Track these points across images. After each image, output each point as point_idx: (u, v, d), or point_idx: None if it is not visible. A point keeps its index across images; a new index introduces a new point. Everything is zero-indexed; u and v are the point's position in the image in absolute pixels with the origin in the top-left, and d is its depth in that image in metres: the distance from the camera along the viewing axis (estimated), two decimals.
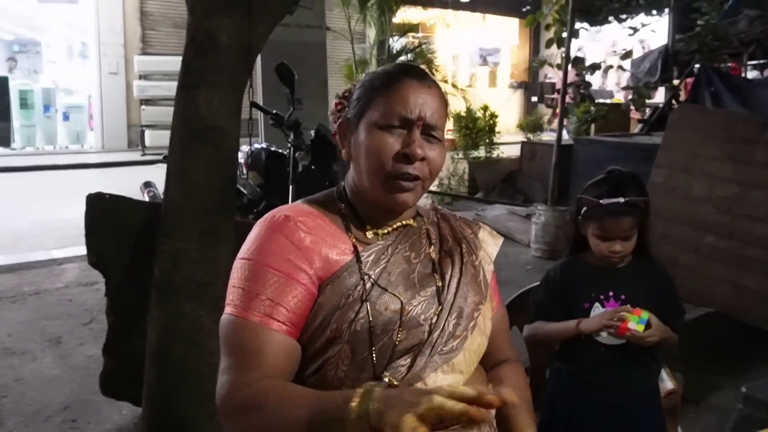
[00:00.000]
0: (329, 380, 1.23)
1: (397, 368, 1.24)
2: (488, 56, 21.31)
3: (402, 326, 1.25)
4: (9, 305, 4.43)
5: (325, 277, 1.26)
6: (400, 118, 1.26)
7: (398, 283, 1.29)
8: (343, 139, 1.36)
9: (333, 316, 1.23)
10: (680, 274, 4.31)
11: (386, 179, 1.27)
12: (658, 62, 8.86)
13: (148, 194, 5.01)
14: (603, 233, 1.90)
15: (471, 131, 8.88)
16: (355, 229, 1.34)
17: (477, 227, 1.50)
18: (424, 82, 1.31)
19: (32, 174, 11.60)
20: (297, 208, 1.34)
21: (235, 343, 1.21)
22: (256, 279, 1.22)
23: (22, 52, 22.19)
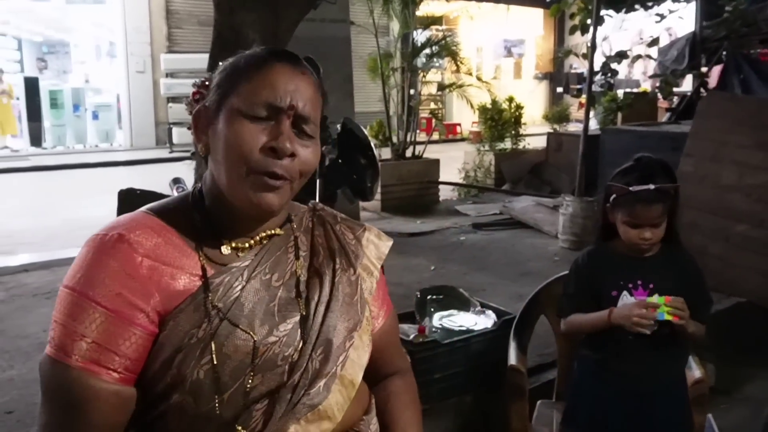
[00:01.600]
0: (183, 428, 1.06)
1: (251, 416, 1.06)
2: (513, 47, 21.18)
3: (255, 370, 1.07)
4: (44, 301, 4.51)
5: (166, 312, 1.05)
6: (267, 105, 1.07)
7: (254, 316, 1.09)
8: (199, 131, 1.13)
9: (175, 359, 1.03)
10: (710, 264, 4.26)
11: (248, 175, 1.06)
12: (686, 49, 8.72)
13: (177, 190, 5.03)
14: (633, 220, 1.90)
15: (497, 123, 8.84)
16: (209, 245, 1.12)
17: (361, 230, 1.29)
18: (297, 68, 1.12)
19: (63, 172, 11.80)
20: (137, 222, 1.10)
21: (55, 394, 1.01)
22: (81, 317, 1.01)
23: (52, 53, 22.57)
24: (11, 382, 3.28)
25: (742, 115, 4.59)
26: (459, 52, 8.10)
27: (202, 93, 1.16)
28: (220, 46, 2.36)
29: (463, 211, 7.19)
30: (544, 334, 2.48)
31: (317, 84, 1.15)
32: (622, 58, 6.95)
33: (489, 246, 5.65)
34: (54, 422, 1.01)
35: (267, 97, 1.07)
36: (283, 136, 1.06)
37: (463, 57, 8.25)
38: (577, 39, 7.17)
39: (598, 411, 1.96)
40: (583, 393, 2.01)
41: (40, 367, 1.03)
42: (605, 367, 1.96)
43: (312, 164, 1.12)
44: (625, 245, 1.96)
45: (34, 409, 3.03)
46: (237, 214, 1.12)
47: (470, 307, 3.03)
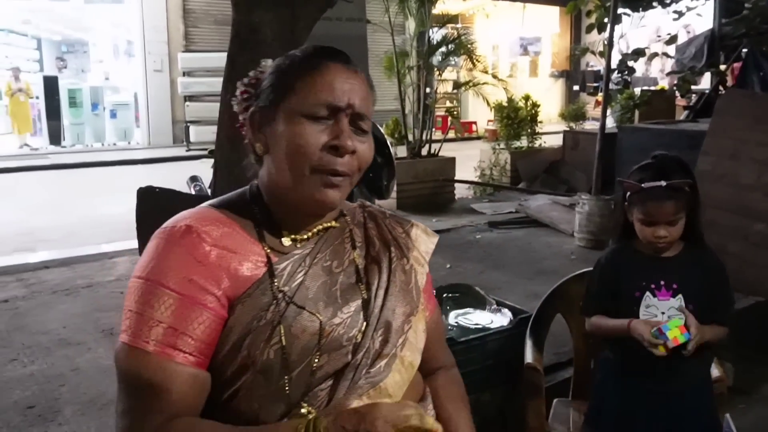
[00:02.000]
0: (242, 411, 1.09)
1: (316, 396, 1.10)
2: (529, 45, 21.10)
3: (321, 350, 1.11)
4: (64, 298, 4.56)
5: (234, 297, 1.10)
6: (327, 105, 1.11)
7: (318, 300, 1.14)
8: (255, 131, 1.18)
9: (244, 341, 1.08)
10: (729, 263, 4.18)
11: (312, 174, 1.11)
12: (704, 47, 8.64)
13: (194, 188, 5.11)
14: (647, 218, 1.88)
15: (513, 121, 8.82)
16: (270, 235, 1.17)
17: (409, 225, 1.33)
18: (350, 67, 1.16)
19: (82, 170, 11.92)
20: (201, 215, 1.16)
21: (133, 380, 1.04)
22: (154, 303, 1.05)
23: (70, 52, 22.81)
24: (32, 377, 3.33)
25: (761, 112, 4.56)
26: (475, 50, 8.08)
27: (249, 92, 1.22)
28: (239, 45, 2.38)
29: (479, 209, 7.18)
30: (560, 333, 2.48)
31: (368, 80, 1.20)
32: (639, 56, 6.90)
33: (505, 244, 5.64)
34: (135, 407, 1.04)
35: (326, 97, 1.11)
36: (344, 134, 1.11)
37: (479, 55, 8.22)
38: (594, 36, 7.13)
39: (623, 412, 1.94)
40: (607, 394, 1.99)
41: (115, 357, 1.07)
42: (629, 369, 1.94)
43: (368, 158, 1.17)
44: (645, 244, 1.94)
45: (54, 404, 3.08)
46: (296, 209, 1.17)
47: (486, 305, 3.03)
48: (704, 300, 1.90)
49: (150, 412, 1.03)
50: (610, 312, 1.96)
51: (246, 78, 1.24)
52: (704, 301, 1.90)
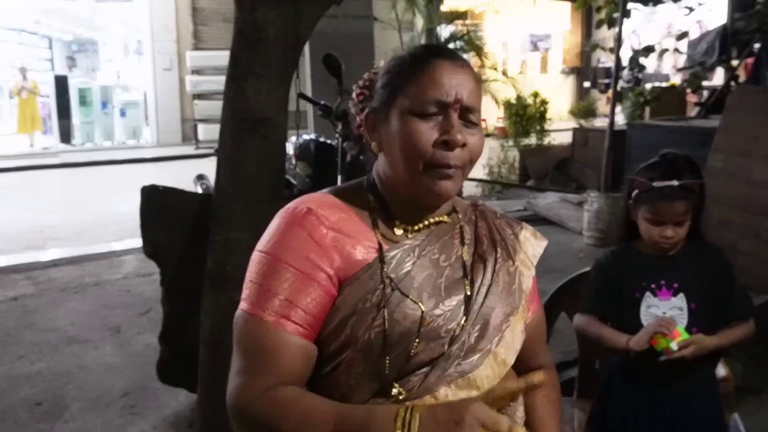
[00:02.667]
0: (340, 386, 1.16)
1: (409, 380, 1.16)
2: (539, 42, 21.00)
3: (420, 338, 1.16)
4: (72, 295, 4.59)
5: (345, 278, 1.17)
6: (435, 102, 1.15)
7: (422, 290, 1.18)
8: (371, 131, 1.24)
9: (349, 321, 1.15)
10: (741, 261, 4.19)
11: (425, 169, 1.16)
12: (716, 42, 8.55)
13: (201, 186, 5.11)
14: (655, 217, 1.84)
15: (521, 118, 8.78)
16: (383, 224, 1.24)
17: (519, 227, 1.38)
18: (456, 62, 1.20)
19: (92, 169, 11.99)
20: (322, 199, 1.24)
21: (249, 343, 1.15)
22: (274, 276, 1.15)
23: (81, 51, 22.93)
24: (40, 375, 3.35)
25: None
26: (483, 46, 8.04)
27: (365, 93, 1.28)
28: (242, 44, 2.36)
29: None
30: (566, 332, 2.45)
31: (475, 73, 1.23)
32: (650, 52, 6.84)
33: None
34: (246, 368, 1.14)
35: (434, 94, 1.16)
36: (454, 129, 1.15)
37: (488, 52, 8.19)
38: (605, 33, 7.07)
39: (627, 414, 1.91)
40: (612, 396, 1.96)
41: (234, 322, 1.17)
42: (635, 372, 1.91)
43: (480, 150, 1.22)
44: (649, 244, 1.90)
45: (61, 401, 3.09)
46: (410, 202, 1.23)
47: None
48: (710, 298, 1.86)
49: (260, 374, 1.12)
50: (610, 314, 1.93)
51: (360, 80, 1.30)
52: (710, 299, 1.86)
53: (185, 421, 2.95)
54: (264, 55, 2.39)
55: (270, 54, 2.40)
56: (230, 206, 2.47)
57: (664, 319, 1.80)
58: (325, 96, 4.24)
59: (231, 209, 2.47)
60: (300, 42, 2.46)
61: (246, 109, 2.41)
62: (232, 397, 1.14)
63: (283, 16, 2.36)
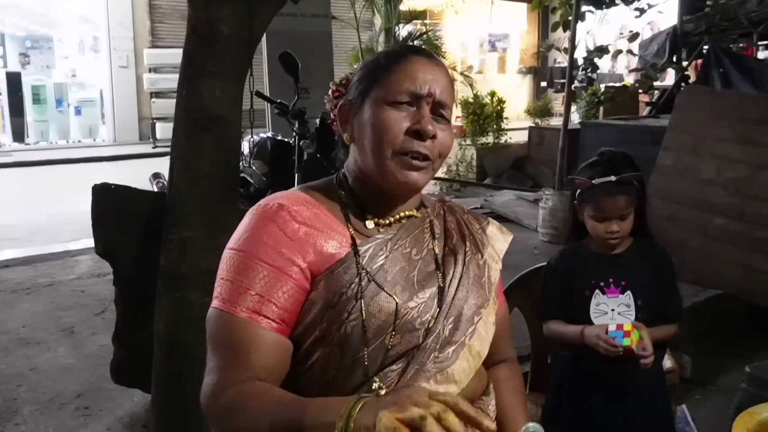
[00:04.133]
0: (318, 382, 1.17)
1: (388, 374, 1.17)
2: (497, 42, 21.20)
3: (396, 330, 1.17)
4: (24, 297, 4.50)
5: (318, 272, 1.18)
6: (409, 93, 1.19)
7: (396, 283, 1.20)
8: (344, 122, 1.28)
9: (325, 315, 1.16)
10: (690, 257, 4.30)
11: (395, 156, 1.19)
12: (666, 44, 8.75)
13: (157, 185, 5.06)
14: (599, 214, 1.89)
15: (479, 117, 8.86)
16: (355, 218, 1.26)
17: (485, 222, 1.41)
18: (433, 60, 1.26)
19: (46, 168, 11.71)
20: (293, 195, 1.26)
21: (222, 340, 1.15)
22: (246, 272, 1.16)
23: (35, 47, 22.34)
24: None
25: (721, 108, 4.63)
26: (441, 46, 8.10)
27: (340, 91, 1.32)
28: (195, 42, 2.35)
29: None
30: (519, 327, 2.49)
31: (449, 74, 1.28)
32: (603, 53, 6.97)
33: None
34: (221, 366, 1.14)
35: (409, 86, 1.20)
36: (425, 119, 1.19)
37: (446, 51, 8.25)
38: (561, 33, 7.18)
39: (581, 411, 1.95)
40: (564, 391, 2.00)
41: (207, 320, 1.18)
42: (586, 368, 1.95)
43: (449, 146, 1.25)
44: (596, 242, 1.95)
45: (12, 404, 3.03)
46: (380, 194, 1.25)
47: None
48: (654, 296, 1.91)
49: (234, 369, 1.12)
50: (567, 313, 1.97)
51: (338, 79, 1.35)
52: (654, 296, 1.91)
53: (140, 421, 2.92)
54: (218, 53, 2.39)
55: (224, 52, 2.39)
56: (184, 205, 2.46)
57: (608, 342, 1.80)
58: (284, 95, 4.24)
59: (185, 208, 2.46)
60: (254, 39, 2.47)
61: (200, 107, 2.40)
62: (205, 393, 1.13)
63: (237, 13, 2.36)
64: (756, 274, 3.98)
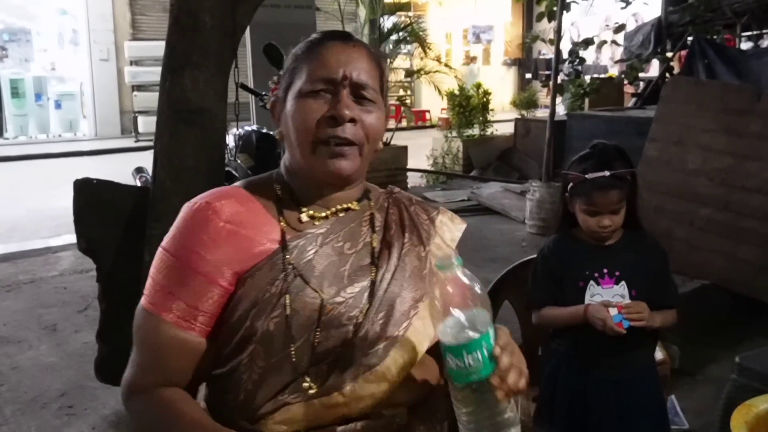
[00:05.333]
0: (244, 383, 1.15)
1: (318, 373, 1.15)
2: (481, 34, 21.19)
3: (321, 327, 1.15)
4: (4, 294, 4.43)
5: (244, 271, 1.17)
6: (323, 80, 1.17)
7: (323, 278, 1.18)
8: (277, 119, 1.26)
9: (250, 313, 1.15)
10: (675, 247, 4.31)
11: (315, 146, 1.16)
12: (651, 35, 8.78)
13: (140, 180, 4.99)
14: (591, 208, 1.87)
15: (465, 109, 8.84)
16: (290, 213, 1.23)
17: (435, 212, 1.35)
18: (348, 43, 1.22)
19: (26, 163, 11.58)
20: (225, 192, 1.24)
21: (146, 339, 1.18)
22: (172, 276, 1.17)
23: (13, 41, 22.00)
24: None
25: (706, 99, 4.64)
26: (426, 37, 8.06)
27: (278, 87, 1.29)
28: (178, 33, 2.31)
29: (432, 197, 7.20)
30: (509, 319, 2.48)
31: (373, 53, 1.24)
32: (589, 44, 6.98)
33: None
34: (141, 362, 1.18)
35: (322, 73, 1.17)
36: (341, 104, 1.15)
37: (431, 43, 8.21)
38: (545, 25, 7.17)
39: (574, 401, 1.94)
40: (558, 385, 1.99)
41: (136, 314, 1.20)
42: (579, 358, 1.95)
43: (377, 128, 1.21)
44: (587, 234, 1.94)
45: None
46: (313, 186, 1.23)
47: None
48: (647, 285, 1.90)
49: (151, 371, 1.16)
50: (558, 302, 1.95)
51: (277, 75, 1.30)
52: (648, 286, 1.90)
53: (125, 419, 2.87)
54: (201, 44, 2.34)
55: (207, 43, 2.35)
56: (168, 200, 2.42)
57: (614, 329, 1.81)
58: (267, 87, 4.18)
59: (169, 203, 2.41)
60: (238, 30, 2.42)
61: (183, 99, 2.36)
62: (124, 385, 1.19)
63: (220, 3, 2.32)
64: (741, 264, 3.99)
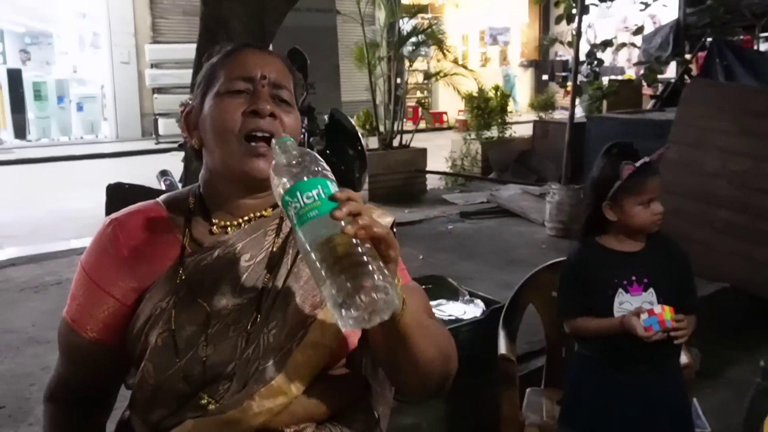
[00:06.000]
0: (142, 400, 1.17)
1: (216, 389, 1.13)
2: (498, 35, 21.16)
3: (207, 340, 1.13)
4: (32, 295, 4.50)
5: (143, 288, 1.19)
6: (242, 78, 1.19)
7: (214, 291, 1.16)
8: (192, 130, 1.24)
9: (145, 328, 1.16)
10: (694, 250, 4.27)
11: (239, 142, 1.15)
12: (670, 37, 8.76)
13: (164, 182, 5.05)
14: (646, 196, 1.89)
15: (483, 111, 8.85)
16: (200, 225, 1.23)
17: None
18: (265, 50, 1.28)
19: (48, 165, 11.72)
20: (135, 209, 1.27)
21: (59, 339, 1.29)
22: (78, 284, 1.25)
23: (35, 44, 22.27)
24: (1, 378, 3.28)
25: (725, 101, 4.63)
26: (445, 40, 8.08)
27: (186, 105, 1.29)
28: (207, 38, 2.37)
29: (451, 199, 7.22)
30: (533, 322, 2.51)
31: (286, 62, 1.29)
32: (607, 46, 6.97)
33: (476, 234, 5.68)
34: (57, 364, 1.32)
35: (241, 72, 1.19)
36: (261, 99, 1.17)
37: (449, 45, 8.23)
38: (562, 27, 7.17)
39: (599, 407, 1.96)
40: (583, 390, 2.01)
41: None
42: (606, 364, 1.96)
43: (294, 128, 1.21)
44: (615, 240, 1.97)
45: (24, 404, 3.03)
46: (228, 194, 1.22)
47: (459, 296, 3.05)
48: (673, 291, 1.93)
49: (57, 371, 1.32)
50: (589, 311, 1.97)
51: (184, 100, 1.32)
52: (673, 292, 1.92)
53: None
54: None
55: None
56: None
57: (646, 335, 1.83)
58: None
59: None
60: (267, 36, 2.47)
61: None
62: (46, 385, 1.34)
63: (249, 10, 2.36)
64: (760, 266, 3.99)
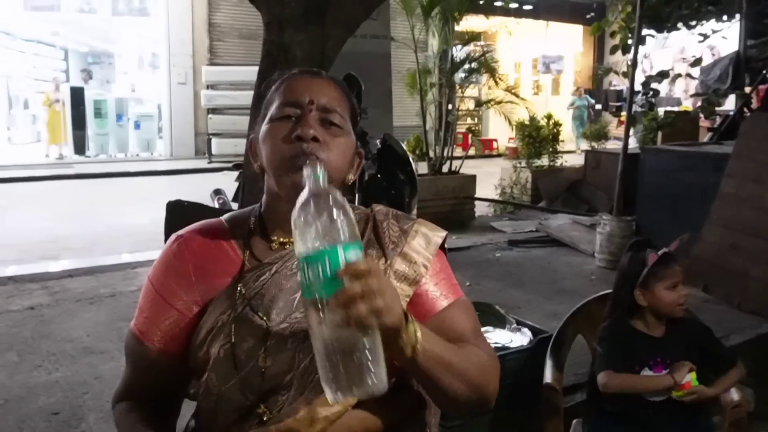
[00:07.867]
0: (202, 408, 1.23)
1: (276, 400, 1.17)
2: (551, 64, 21.10)
3: (266, 352, 1.17)
4: (87, 306, 4.62)
5: (205, 301, 1.24)
6: (290, 104, 1.22)
7: (272, 306, 1.20)
8: (255, 156, 1.29)
9: (206, 340, 1.21)
10: (751, 287, 4.20)
11: (285, 163, 1.18)
12: (729, 69, 8.61)
13: (218, 201, 5.16)
14: (673, 281, 2.05)
15: (534, 140, 8.82)
16: (260, 243, 1.27)
17: (410, 223, 1.30)
18: (316, 75, 1.30)
19: (106, 180, 12.06)
20: (202, 225, 1.34)
21: (126, 349, 1.33)
22: (145, 296, 1.30)
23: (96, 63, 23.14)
24: (57, 384, 3.37)
25: None
26: (498, 68, 8.10)
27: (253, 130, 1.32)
28: (269, 64, 2.44)
29: (499, 227, 7.18)
30: (581, 354, 2.48)
31: (341, 87, 1.30)
32: (663, 77, 6.88)
33: (525, 263, 5.63)
34: (125, 372, 1.34)
35: (290, 98, 1.22)
36: (305, 124, 1.18)
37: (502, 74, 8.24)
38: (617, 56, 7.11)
39: None
40: None
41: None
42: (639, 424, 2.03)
43: (342, 152, 1.23)
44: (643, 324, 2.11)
45: (79, 411, 3.12)
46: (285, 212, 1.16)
47: (506, 324, 3.04)
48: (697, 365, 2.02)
49: (125, 380, 1.33)
50: None
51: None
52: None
53: None
54: None
55: None
56: None
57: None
58: None
59: None
60: (326, 62, 2.54)
61: None
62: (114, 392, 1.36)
63: (311, 37, 2.43)
64: None
